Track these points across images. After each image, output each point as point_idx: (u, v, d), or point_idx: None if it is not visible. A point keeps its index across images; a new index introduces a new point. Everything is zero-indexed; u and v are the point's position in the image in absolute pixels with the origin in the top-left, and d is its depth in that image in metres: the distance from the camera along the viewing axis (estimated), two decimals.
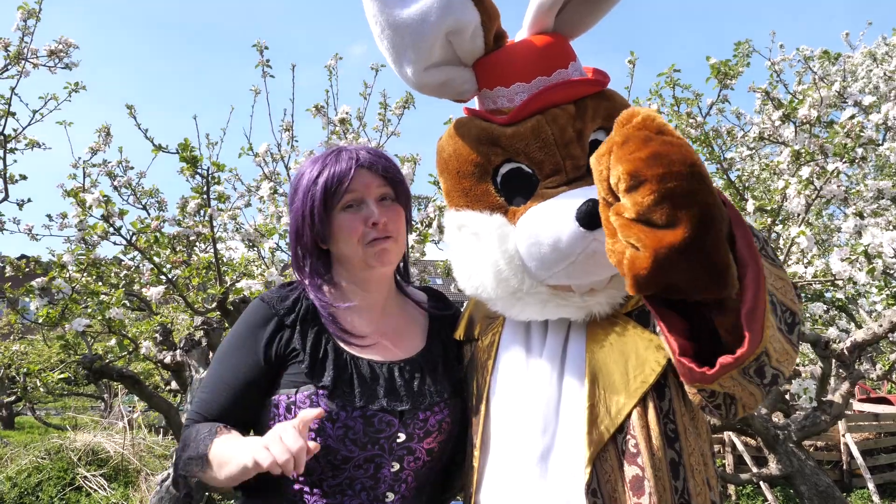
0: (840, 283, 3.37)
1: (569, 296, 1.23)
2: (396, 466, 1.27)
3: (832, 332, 4.72)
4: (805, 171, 3.03)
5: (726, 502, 6.54)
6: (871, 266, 3.14)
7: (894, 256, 3.23)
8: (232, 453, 1.12)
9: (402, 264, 1.52)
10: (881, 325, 4.49)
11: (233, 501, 5.53)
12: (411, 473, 1.29)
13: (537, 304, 1.25)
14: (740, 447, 6.69)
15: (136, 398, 13.59)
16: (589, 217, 1.10)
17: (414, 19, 1.23)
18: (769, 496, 6.38)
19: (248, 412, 1.32)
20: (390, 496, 1.27)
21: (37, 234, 4.64)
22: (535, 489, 1.19)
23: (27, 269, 5.06)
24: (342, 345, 1.34)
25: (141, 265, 4.64)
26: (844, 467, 7.08)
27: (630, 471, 1.12)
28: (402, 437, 1.26)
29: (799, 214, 3.18)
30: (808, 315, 4.54)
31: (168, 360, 4.15)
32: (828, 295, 4.95)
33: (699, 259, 0.85)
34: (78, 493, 5.78)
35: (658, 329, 1.18)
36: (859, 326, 5.58)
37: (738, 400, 1.07)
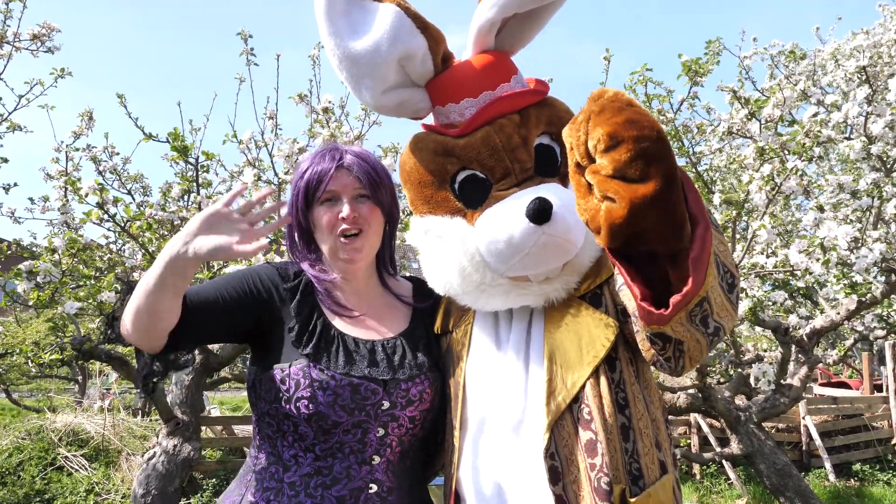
0: (798, 273, 3.56)
1: (527, 285, 1.38)
2: (381, 432, 1.41)
3: (793, 319, 4.94)
4: (766, 169, 3.21)
5: (691, 481, 6.81)
6: (826, 258, 3.34)
7: (847, 249, 3.44)
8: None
9: (387, 255, 1.66)
10: (838, 313, 4.73)
11: (213, 481, 5.65)
12: (395, 439, 1.44)
13: (500, 295, 1.40)
14: (705, 428, 6.95)
15: (111, 381, 13.54)
16: (537, 213, 1.25)
17: (367, 50, 1.39)
18: (731, 475, 6.65)
19: (220, 321, 1.43)
20: (376, 459, 1.42)
21: (19, 217, 4.70)
22: (508, 459, 1.34)
23: (9, 252, 5.11)
24: (332, 320, 1.49)
25: (125, 248, 4.73)
26: (804, 448, 7.39)
27: (585, 435, 1.28)
28: (386, 404, 1.41)
29: (760, 209, 3.36)
30: (770, 303, 4.74)
31: None
32: (792, 283, 5.17)
33: (665, 210, 1.00)
34: (59, 473, 5.86)
35: (606, 308, 1.34)
36: (823, 313, 5.81)
37: (685, 350, 1.21)
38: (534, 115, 1.42)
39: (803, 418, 7.32)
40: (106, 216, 3.10)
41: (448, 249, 1.43)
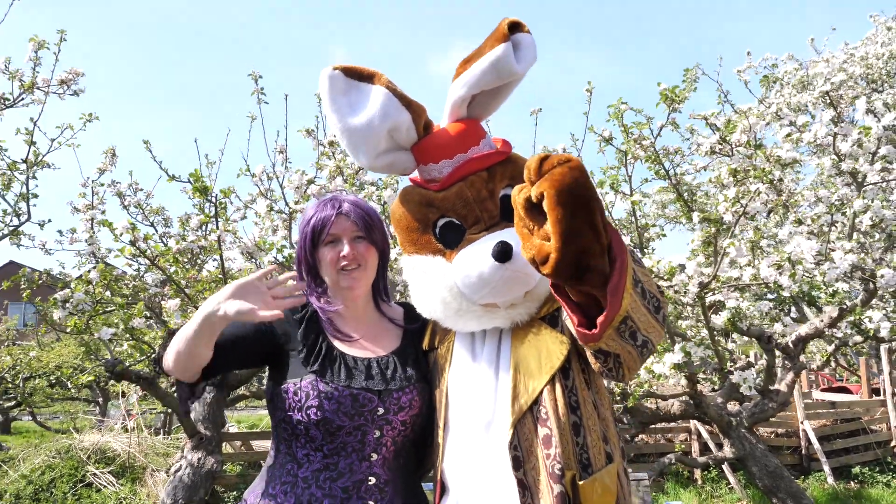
0: (770, 286, 3.84)
1: (496, 310, 1.69)
2: (378, 433, 1.72)
3: (777, 327, 5.21)
4: (731, 192, 3.51)
5: (693, 486, 7.05)
6: (793, 272, 3.63)
7: (813, 263, 3.72)
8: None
9: (381, 285, 1.98)
10: (822, 321, 5.00)
11: (234, 493, 5.97)
12: (389, 440, 1.74)
13: (475, 319, 1.70)
14: (705, 435, 7.19)
15: (131, 401, 13.89)
16: (501, 254, 1.56)
17: (363, 124, 1.71)
18: (731, 479, 6.89)
19: (241, 352, 1.75)
20: (374, 456, 1.72)
21: (49, 249, 5.06)
22: (481, 451, 1.64)
23: (40, 282, 5.48)
24: (335, 342, 1.80)
25: (146, 276, 5.07)
26: (803, 452, 7.61)
27: (542, 431, 1.57)
28: (381, 410, 1.71)
29: (730, 227, 3.65)
30: (755, 312, 5.02)
31: None
32: (778, 294, 5.44)
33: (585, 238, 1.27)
34: (89, 489, 6.19)
35: (562, 328, 1.65)
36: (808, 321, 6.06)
37: (623, 361, 1.49)
38: (499, 172, 1.74)
39: (802, 423, 7.55)
40: (137, 251, 3.44)
41: (431, 283, 1.74)
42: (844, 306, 4.68)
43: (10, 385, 9.99)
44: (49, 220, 4.43)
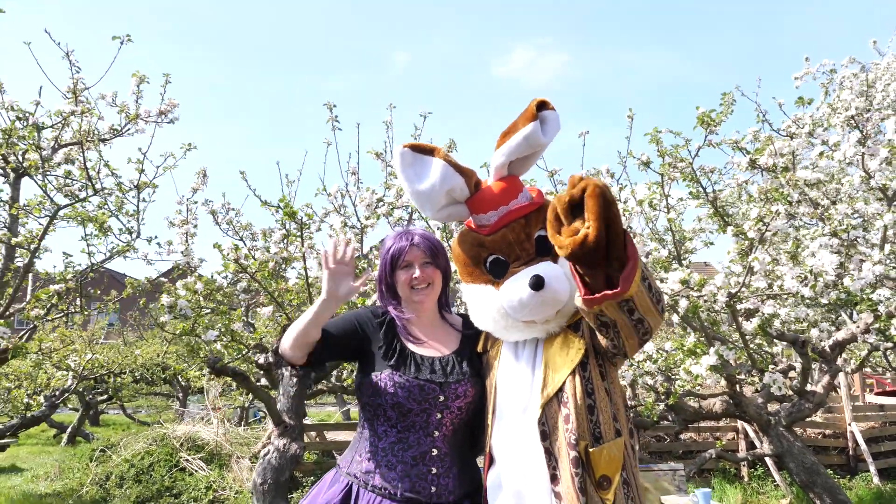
0: (793, 297, 4.22)
1: (534, 325, 2.19)
2: (439, 416, 2.24)
3: (814, 332, 5.54)
4: (754, 212, 3.91)
5: (738, 482, 7.37)
6: (814, 283, 4.00)
7: (834, 275, 4.08)
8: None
9: (444, 299, 2.51)
10: (858, 327, 5.31)
11: (311, 479, 6.60)
12: (448, 421, 2.26)
13: (518, 332, 2.21)
14: (751, 433, 7.49)
15: (211, 396, 14.80)
16: (536, 285, 2.05)
17: (427, 189, 2.24)
18: (776, 476, 7.18)
19: (339, 346, 2.34)
20: (436, 433, 2.24)
21: (151, 260, 5.78)
22: (519, 429, 2.15)
23: (139, 289, 6.20)
24: (408, 344, 2.34)
25: (237, 285, 5.73)
26: (850, 453, 7.82)
27: (563, 411, 2.07)
28: (441, 398, 2.23)
29: (756, 243, 4.05)
30: (792, 318, 5.34)
31: (262, 361, 5.23)
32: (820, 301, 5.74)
33: (606, 233, 1.68)
34: (182, 473, 6.93)
35: (582, 332, 2.13)
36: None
37: (620, 331, 1.94)
38: (534, 218, 2.23)
39: (850, 424, 7.77)
40: (240, 268, 4.06)
41: (484, 306, 2.25)
42: (879, 313, 4.99)
43: (102, 381, 10.89)
44: (156, 237, 5.09)
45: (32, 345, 4.53)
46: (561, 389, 2.09)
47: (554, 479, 2.02)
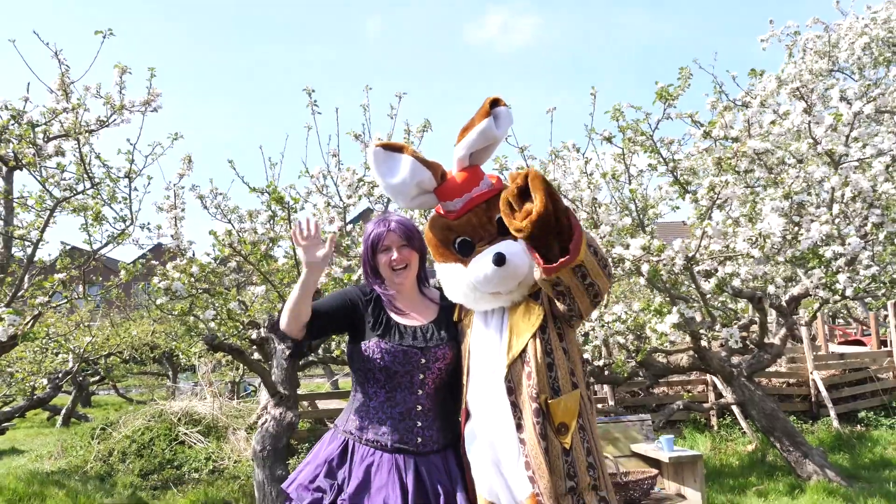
0: (741, 258, 4.59)
1: (499, 296, 2.51)
2: (421, 376, 2.56)
3: (771, 288, 5.95)
4: (706, 182, 4.26)
5: (708, 431, 7.85)
6: (762, 244, 4.37)
7: (780, 237, 4.45)
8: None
9: (422, 275, 2.82)
10: (811, 282, 5.72)
11: (306, 445, 6.96)
12: (430, 381, 2.59)
13: (486, 302, 2.52)
14: (720, 385, 7.95)
15: (200, 374, 15.10)
16: (498, 261, 2.37)
17: (398, 183, 2.54)
18: (743, 424, 7.66)
19: (333, 320, 2.63)
20: (420, 391, 2.57)
21: (142, 245, 6.04)
22: (488, 387, 2.48)
23: (136, 273, 6.46)
24: (393, 315, 2.65)
25: (226, 266, 6.02)
26: (813, 400, 8.32)
27: (526, 369, 2.40)
28: (423, 360, 2.56)
29: (707, 210, 4.40)
30: (750, 275, 5.72)
31: (254, 336, 5.54)
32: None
33: (552, 208, 2.06)
34: (182, 446, 7.26)
35: (541, 300, 2.46)
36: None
37: (574, 296, 2.29)
38: (494, 202, 2.52)
39: (812, 373, 8.25)
40: (233, 251, 4.35)
41: (455, 282, 2.56)
42: (831, 268, 5.39)
43: (94, 362, 11.14)
44: (149, 223, 5.36)
45: (41, 330, 4.80)
46: (524, 351, 2.41)
47: (519, 427, 2.36)
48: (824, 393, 8.03)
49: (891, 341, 8.65)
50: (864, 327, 11.38)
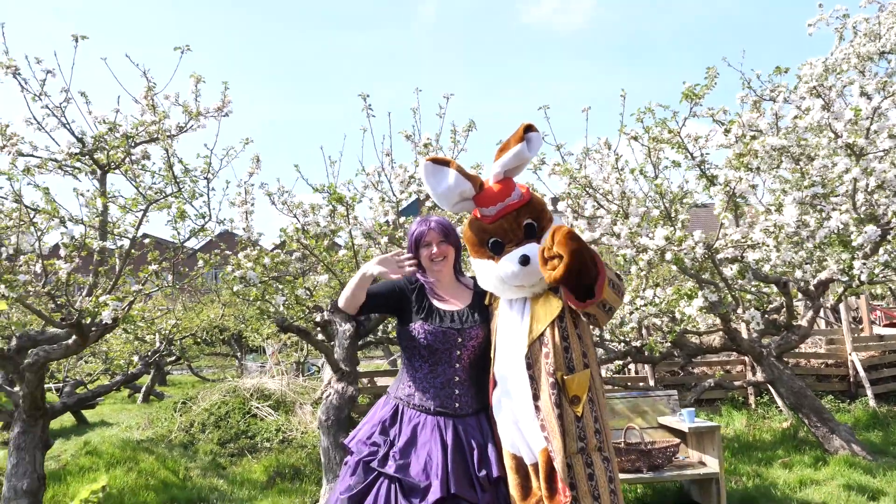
0: (756, 246, 4.97)
1: (523, 288, 2.99)
2: (458, 352, 3.08)
3: (798, 273, 6.28)
4: (721, 177, 4.66)
5: (745, 409, 8.19)
6: (776, 234, 4.74)
7: (794, 228, 4.81)
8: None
9: (458, 267, 3.35)
10: (839, 268, 6.04)
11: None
12: (466, 356, 3.11)
13: (511, 292, 3.02)
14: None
15: (267, 355, 16.00)
16: (523, 261, 2.86)
17: (444, 191, 3.04)
18: (779, 401, 7.99)
19: (383, 303, 3.16)
20: (457, 365, 3.10)
21: (213, 238, 6.73)
22: (511, 361, 2.99)
23: (215, 264, 7.15)
24: (434, 301, 3.19)
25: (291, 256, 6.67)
26: (851, 380, 8.57)
27: (544, 350, 2.88)
28: (459, 339, 3.08)
29: (727, 202, 4.80)
30: (781, 261, 6.07)
31: (318, 318, 6.18)
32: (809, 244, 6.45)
33: (577, 265, 2.60)
34: (254, 419, 8.02)
35: (560, 295, 2.96)
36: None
37: (596, 318, 2.80)
38: (524, 210, 3.01)
39: (850, 354, 8.50)
40: (301, 246, 4.96)
41: (487, 275, 3.06)
42: (857, 255, 5.71)
43: (171, 343, 11.98)
44: (231, 220, 6.02)
45: (138, 315, 5.52)
46: (542, 335, 2.91)
47: (536, 396, 2.86)
48: (862, 373, 8.28)
49: None
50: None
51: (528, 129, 2.99)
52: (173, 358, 14.21)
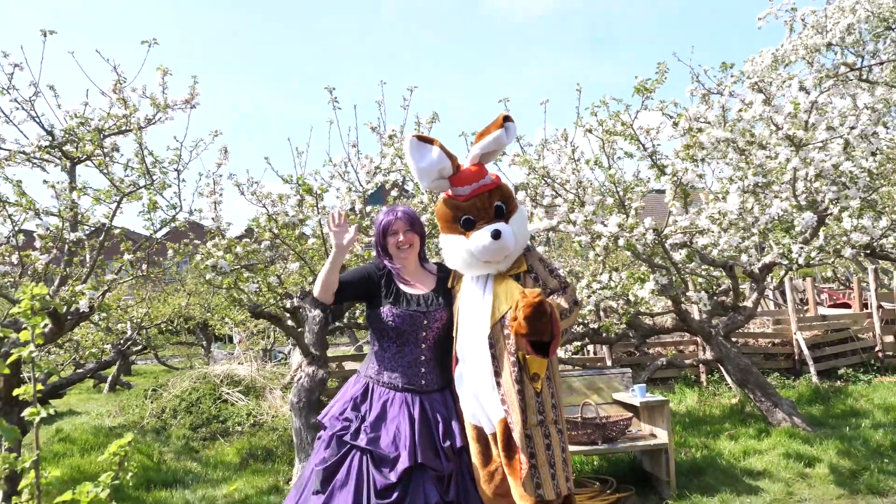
0: (702, 232, 5.31)
1: (489, 264, 3.25)
2: (424, 334, 3.32)
3: (744, 257, 6.66)
4: (669, 169, 4.98)
5: (697, 387, 8.62)
6: (720, 220, 5.09)
7: (736, 215, 5.17)
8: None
9: (422, 254, 3.60)
10: (780, 252, 6.43)
11: None
12: (431, 337, 3.35)
13: (477, 269, 3.27)
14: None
15: (234, 343, 16.06)
16: (495, 235, 3.11)
17: (425, 167, 3.25)
18: (728, 379, 8.43)
19: (355, 289, 3.39)
20: (423, 346, 3.34)
21: (182, 227, 6.88)
22: (474, 342, 3.26)
23: (185, 254, 7.29)
24: (401, 286, 3.42)
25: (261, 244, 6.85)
26: (796, 358, 9.05)
27: (506, 331, 3.15)
28: (425, 321, 3.32)
29: (675, 190, 5.13)
30: (725, 245, 6.43)
31: (288, 304, 6.39)
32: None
33: (536, 325, 2.90)
34: (225, 404, 8.20)
35: (522, 283, 3.23)
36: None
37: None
38: (495, 193, 3.26)
39: (795, 334, 8.98)
40: (273, 235, 5.17)
41: (458, 250, 3.29)
42: (798, 239, 6.10)
43: (140, 333, 12.00)
44: (200, 210, 6.18)
45: (112, 303, 5.67)
46: (504, 316, 3.18)
47: (497, 374, 3.13)
48: (806, 351, 8.76)
49: (870, 303, 9.33)
50: (851, 291, 12.05)
51: (507, 119, 3.25)
52: (139, 347, 14.22)
